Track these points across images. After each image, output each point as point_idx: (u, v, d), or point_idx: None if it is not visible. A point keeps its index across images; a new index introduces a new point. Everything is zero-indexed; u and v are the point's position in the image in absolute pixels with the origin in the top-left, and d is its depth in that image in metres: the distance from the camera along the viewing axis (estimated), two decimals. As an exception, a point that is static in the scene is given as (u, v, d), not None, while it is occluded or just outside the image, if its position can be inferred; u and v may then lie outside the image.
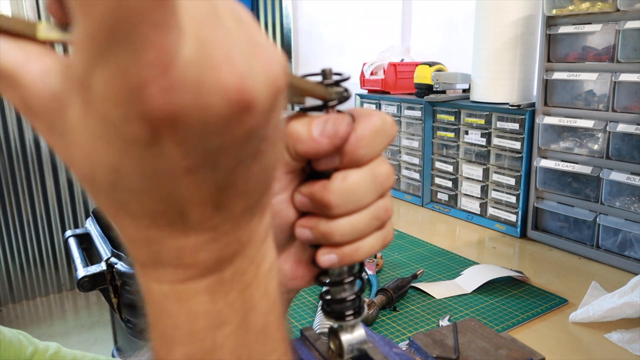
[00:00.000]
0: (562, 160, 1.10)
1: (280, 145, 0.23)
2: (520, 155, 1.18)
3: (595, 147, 1.05)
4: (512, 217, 1.22)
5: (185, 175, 0.18)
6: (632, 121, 0.96)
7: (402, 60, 1.66)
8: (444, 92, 1.39)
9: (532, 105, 1.15)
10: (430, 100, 1.37)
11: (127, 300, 1.04)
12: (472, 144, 1.30)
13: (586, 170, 1.05)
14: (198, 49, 0.16)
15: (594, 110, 1.03)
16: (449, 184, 1.39)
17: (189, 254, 0.21)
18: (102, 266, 1.03)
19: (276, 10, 2.44)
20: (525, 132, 1.16)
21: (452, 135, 1.35)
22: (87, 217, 1.84)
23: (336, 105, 0.29)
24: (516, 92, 1.22)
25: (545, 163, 1.13)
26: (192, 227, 0.20)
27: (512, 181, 1.21)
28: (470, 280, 0.95)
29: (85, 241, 1.28)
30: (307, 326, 0.40)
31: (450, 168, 1.38)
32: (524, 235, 1.20)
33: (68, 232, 1.30)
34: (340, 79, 0.29)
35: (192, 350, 0.22)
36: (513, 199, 1.22)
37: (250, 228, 0.22)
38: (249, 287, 0.23)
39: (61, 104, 0.18)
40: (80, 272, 1.03)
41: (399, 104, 1.50)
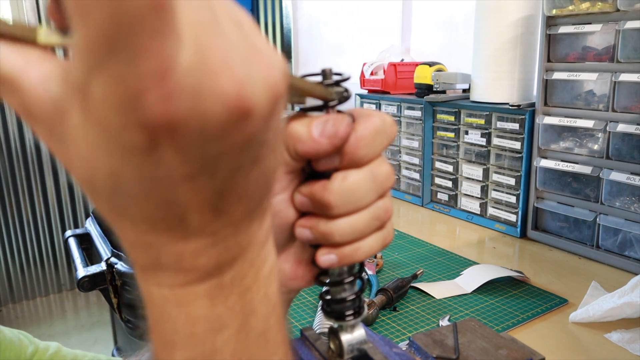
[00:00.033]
0: (562, 160, 1.10)
1: (280, 149, 0.22)
2: (520, 155, 1.18)
3: (595, 147, 1.05)
4: (512, 217, 1.22)
5: (184, 181, 0.18)
6: (632, 121, 0.96)
7: (402, 60, 1.66)
8: (444, 92, 1.39)
9: (532, 105, 1.15)
10: (430, 100, 1.37)
11: (127, 300, 1.04)
12: (472, 144, 1.30)
13: (586, 170, 1.05)
14: (197, 56, 0.16)
15: (594, 110, 1.03)
16: (449, 184, 1.39)
17: (188, 258, 0.20)
18: (102, 266, 1.03)
19: (276, 10, 2.44)
20: (525, 132, 1.16)
21: (452, 135, 1.35)
22: (87, 217, 1.84)
23: (336, 106, 0.29)
24: (516, 92, 1.22)
25: (545, 163, 1.13)
26: (191, 232, 0.20)
27: (512, 181, 1.21)
28: (470, 280, 0.95)
29: (85, 241, 1.28)
30: (307, 326, 0.40)
31: (450, 168, 1.38)
32: (524, 235, 1.20)
33: (68, 232, 1.31)
34: (340, 79, 0.29)
35: (192, 354, 0.22)
36: (513, 199, 1.22)
37: (250, 232, 0.22)
38: (249, 291, 0.23)
39: (61, 109, 0.18)
40: (80, 272, 1.03)
41: (399, 104, 1.50)
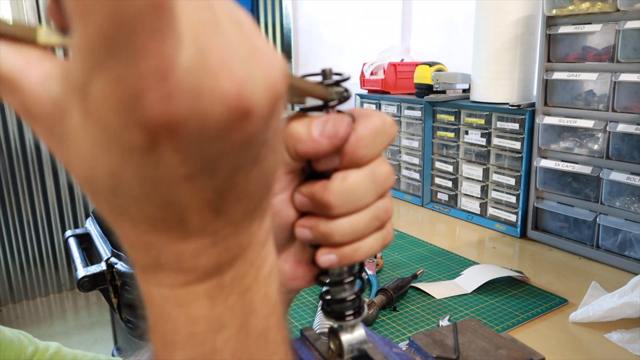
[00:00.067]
0: (562, 160, 1.10)
1: (280, 149, 0.22)
2: (520, 155, 1.18)
3: (595, 147, 1.05)
4: (512, 217, 1.22)
5: (184, 181, 0.18)
6: (632, 121, 0.96)
7: (402, 60, 1.66)
8: (444, 92, 1.39)
9: (532, 105, 1.15)
10: (430, 100, 1.37)
11: (127, 300, 1.04)
12: (472, 144, 1.30)
13: (586, 170, 1.05)
14: (197, 56, 0.16)
15: (594, 110, 1.03)
16: (449, 184, 1.39)
17: (188, 258, 0.20)
18: (102, 266, 1.03)
19: (276, 10, 2.44)
20: (525, 132, 1.16)
21: (452, 135, 1.35)
22: (87, 217, 1.84)
23: (336, 106, 0.29)
24: (516, 92, 1.22)
25: (545, 163, 1.13)
26: (191, 232, 0.20)
27: (512, 181, 1.21)
28: (470, 280, 0.95)
29: (85, 241, 1.28)
30: (307, 326, 0.40)
31: (450, 168, 1.38)
32: (524, 235, 1.20)
33: (68, 232, 1.31)
34: (340, 79, 0.29)
35: (192, 354, 0.22)
36: (513, 199, 1.22)
37: (251, 232, 0.22)
38: (249, 291, 0.23)
39: (61, 109, 0.18)
40: (80, 272, 1.03)
41: (399, 104, 1.50)
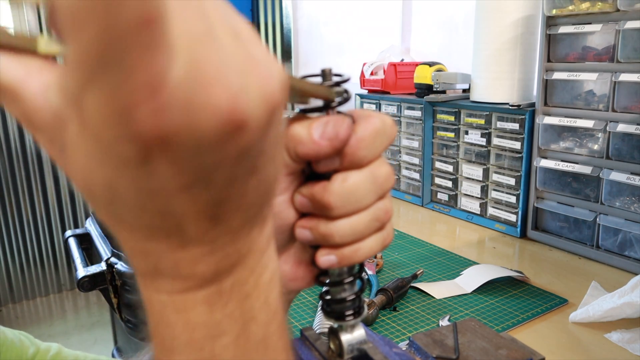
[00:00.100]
0: (562, 160, 1.10)
1: (280, 157, 0.22)
2: (520, 155, 1.18)
3: (595, 147, 1.05)
4: (512, 217, 1.22)
5: (179, 192, 0.18)
6: (632, 121, 0.96)
7: (402, 60, 1.66)
8: (444, 92, 1.39)
9: (532, 105, 1.15)
10: (430, 100, 1.37)
11: (127, 300, 1.04)
12: (472, 144, 1.30)
13: (586, 170, 1.05)
14: (189, 69, 0.16)
15: (594, 110, 1.03)
16: (449, 184, 1.39)
17: (186, 265, 0.21)
18: (102, 266, 1.03)
19: (276, 10, 2.44)
20: (525, 132, 1.16)
21: (452, 135, 1.35)
22: (87, 217, 1.84)
23: (336, 107, 0.29)
24: (516, 92, 1.22)
25: (545, 163, 1.13)
26: (189, 240, 0.20)
27: (512, 181, 1.21)
28: (470, 280, 0.95)
29: (85, 241, 1.28)
30: (307, 326, 0.40)
31: (450, 168, 1.38)
32: (524, 235, 1.20)
33: (68, 232, 1.31)
34: (340, 80, 0.29)
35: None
36: (513, 199, 1.22)
37: (250, 239, 0.22)
38: (249, 298, 0.23)
39: (60, 119, 0.18)
40: (80, 272, 1.03)
41: (399, 104, 1.50)
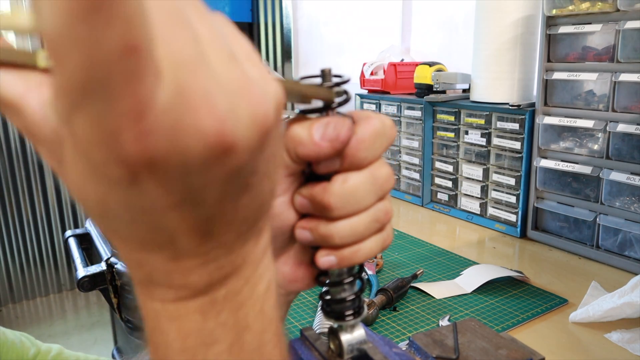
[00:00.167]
0: (562, 160, 1.10)
1: (278, 171, 0.22)
2: (520, 155, 1.18)
3: (595, 147, 1.05)
4: (512, 217, 1.22)
5: (169, 209, 0.18)
6: (632, 121, 0.96)
7: (402, 60, 1.66)
8: (444, 92, 1.39)
9: (532, 105, 1.15)
10: (430, 100, 1.37)
11: (127, 300, 1.04)
12: (472, 144, 1.30)
13: (586, 170, 1.05)
14: (175, 94, 0.16)
15: (594, 110, 1.03)
16: (449, 184, 1.39)
17: (179, 276, 0.21)
18: (102, 266, 1.03)
19: (276, 10, 2.44)
20: (525, 132, 1.16)
21: (452, 135, 1.35)
22: (87, 217, 1.84)
23: (336, 108, 0.29)
24: (516, 92, 1.22)
25: (545, 163, 1.13)
26: (181, 252, 0.20)
27: (512, 181, 1.21)
28: (470, 280, 0.95)
29: (85, 241, 1.28)
30: (307, 326, 0.40)
31: (450, 168, 1.38)
32: (524, 235, 1.20)
33: (68, 232, 1.31)
34: (340, 81, 0.29)
35: None
36: (513, 199, 1.22)
37: (245, 251, 0.22)
38: (243, 307, 0.23)
39: (57, 135, 0.19)
40: (80, 272, 1.03)
41: (399, 104, 1.50)
